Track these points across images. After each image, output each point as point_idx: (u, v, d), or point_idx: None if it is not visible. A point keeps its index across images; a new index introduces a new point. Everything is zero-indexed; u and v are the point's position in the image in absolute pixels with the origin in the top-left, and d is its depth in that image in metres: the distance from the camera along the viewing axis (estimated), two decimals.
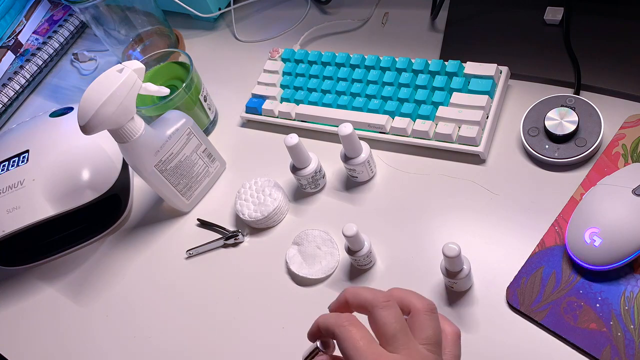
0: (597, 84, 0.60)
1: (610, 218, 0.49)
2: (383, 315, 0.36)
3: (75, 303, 0.66)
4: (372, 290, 0.38)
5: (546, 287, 0.50)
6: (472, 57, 0.64)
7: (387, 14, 0.78)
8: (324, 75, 0.70)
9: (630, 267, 0.49)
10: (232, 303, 0.60)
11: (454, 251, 0.48)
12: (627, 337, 0.46)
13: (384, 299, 0.37)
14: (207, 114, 0.73)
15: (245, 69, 0.80)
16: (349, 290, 0.39)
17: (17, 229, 0.63)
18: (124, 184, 0.69)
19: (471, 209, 0.58)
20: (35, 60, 0.92)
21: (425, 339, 0.36)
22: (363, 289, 0.39)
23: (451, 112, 0.61)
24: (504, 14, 0.69)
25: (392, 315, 0.36)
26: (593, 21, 0.63)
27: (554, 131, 0.57)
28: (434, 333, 0.37)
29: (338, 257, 0.59)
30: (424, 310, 0.38)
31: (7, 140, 0.72)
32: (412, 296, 0.39)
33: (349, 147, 0.59)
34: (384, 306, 0.37)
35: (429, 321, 0.37)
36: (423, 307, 0.38)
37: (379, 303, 0.37)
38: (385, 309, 0.37)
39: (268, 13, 0.86)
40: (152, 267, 0.66)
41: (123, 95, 0.54)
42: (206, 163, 0.67)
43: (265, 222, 0.63)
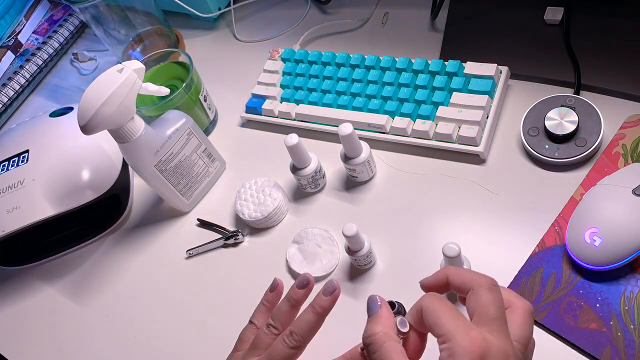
0: (597, 84, 0.60)
1: (610, 218, 0.49)
2: (488, 296, 0.35)
3: (75, 303, 0.66)
4: (475, 272, 0.38)
5: (546, 287, 0.51)
6: (472, 57, 0.64)
7: (387, 14, 0.78)
8: (324, 75, 0.70)
9: (630, 267, 0.49)
10: (232, 303, 0.60)
11: (454, 251, 0.48)
12: (627, 337, 0.46)
13: (491, 282, 0.36)
14: (207, 114, 0.73)
15: (245, 69, 0.80)
16: (451, 269, 0.39)
17: (17, 229, 0.63)
18: (124, 184, 0.69)
19: (471, 209, 0.58)
20: (35, 60, 0.92)
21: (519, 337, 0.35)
22: (466, 270, 0.38)
23: (451, 112, 0.61)
24: (504, 14, 0.69)
25: (498, 299, 0.35)
26: (593, 21, 0.63)
27: (554, 131, 0.57)
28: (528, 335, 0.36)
29: (338, 255, 0.59)
30: (524, 310, 0.37)
31: (7, 140, 0.72)
32: (512, 294, 0.38)
33: (349, 147, 0.59)
34: (490, 287, 0.36)
35: (526, 322, 0.36)
36: (525, 307, 0.37)
37: (486, 283, 0.36)
38: (492, 291, 0.36)
39: (268, 13, 0.86)
40: (152, 267, 0.66)
41: (123, 95, 0.54)
42: (206, 163, 0.67)
43: (265, 222, 0.63)
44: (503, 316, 0.35)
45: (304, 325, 0.43)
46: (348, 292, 0.57)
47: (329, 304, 0.44)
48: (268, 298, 0.49)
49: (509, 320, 0.36)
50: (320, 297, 0.44)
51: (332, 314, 0.56)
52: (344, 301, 0.56)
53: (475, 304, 0.36)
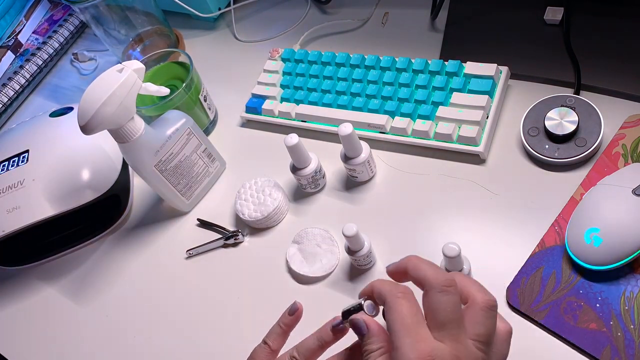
0: (597, 84, 0.60)
1: (610, 218, 0.49)
2: (439, 300, 0.34)
3: (75, 303, 0.66)
4: (434, 268, 0.36)
5: (546, 287, 0.51)
6: (472, 57, 0.64)
7: (387, 14, 0.78)
8: (324, 75, 0.70)
9: (630, 267, 0.49)
10: (232, 303, 0.60)
11: (454, 251, 0.48)
12: (627, 337, 0.46)
13: (445, 282, 0.35)
14: (207, 114, 0.73)
15: (245, 69, 0.80)
16: (412, 260, 0.37)
17: (17, 229, 0.63)
18: (124, 184, 0.69)
19: (471, 209, 0.58)
20: (35, 60, 0.92)
21: (477, 335, 0.34)
22: (426, 263, 0.37)
23: (451, 112, 0.61)
24: (504, 14, 0.69)
25: (450, 303, 0.34)
26: (593, 21, 0.63)
27: (554, 131, 0.57)
28: (487, 331, 0.35)
29: (338, 255, 0.59)
30: (482, 305, 0.35)
31: (7, 140, 0.72)
32: (474, 287, 0.36)
33: (349, 147, 0.59)
34: (442, 290, 0.34)
35: (485, 318, 0.35)
36: (483, 302, 0.35)
37: (438, 285, 0.35)
38: (443, 294, 0.34)
39: (268, 13, 0.86)
40: (152, 267, 0.66)
41: (123, 95, 0.54)
42: (206, 163, 0.67)
43: (265, 222, 0.63)
44: (455, 319, 0.34)
45: None
46: (348, 292, 0.57)
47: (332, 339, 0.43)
48: (285, 321, 0.46)
49: (467, 316, 0.35)
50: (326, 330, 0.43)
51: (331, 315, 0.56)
52: (344, 301, 0.57)
53: (427, 307, 0.35)
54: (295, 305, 0.46)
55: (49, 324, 0.66)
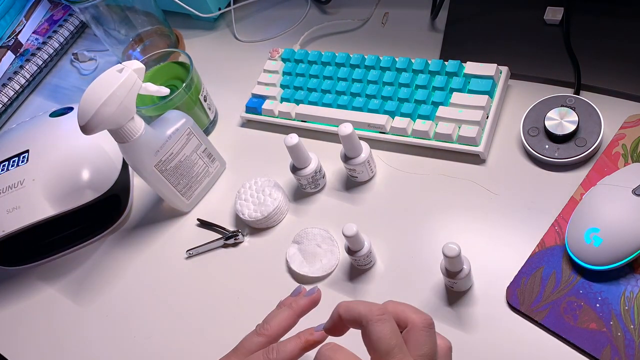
0: (597, 84, 0.60)
1: (610, 218, 0.49)
2: (377, 330, 0.35)
3: (75, 303, 0.66)
4: (366, 303, 0.37)
5: (546, 287, 0.51)
6: (472, 57, 0.64)
7: (387, 14, 0.78)
8: (324, 75, 0.70)
9: (630, 267, 0.49)
10: (232, 303, 0.60)
11: (454, 251, 0.48)
12: (627, 337, 0.46)
13: (379, 312, 0.36)
14: (207, 114, 0.73)
15: (245, 69, 0.80)
16: (342, 306, 0.38)
17: (17, 229, 0.63)
18: (124, 184, 0.69)
19: (471, 209, 0.58)
20: (35, 60, 0.92)
21: (421, 356, 0.35)
22: (356, 303, 0.37)
23: (451, 112, 0.61)
24: (504, 14, 0.69)
25: (387, 330, 0.35)
26: (593, 21, 0.63)
27: (554, 131, 0.57)
28: (431, 350, 0.36)
29: (338, 255, 0.59)
30: (421, 326, 0.36)
31: (7, 140, 0.72)
32: (409, 310, 0.37)
33: (349, 147, 0.59)
34: (378, 319, 0.35)
35: (425, 337, 0.36)
36: (421, 323, 0.36)
37: (373, 317, 0.35)
38: (380, 323, 0.35)
39: (268, 13, 0.86)
40: (152, 267, 0.66)
41: (123, 95, 0.54)
42: (206, 163, 0.67)
43: (265, 222, 0.63)
44: (397, 344, 0.34)
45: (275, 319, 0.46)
46: (348, 292, 0.57)
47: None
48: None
49: (408, 339, 0.36)
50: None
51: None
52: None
53: (367, 341, 0.35)
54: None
55: (49, 324, 0.66)
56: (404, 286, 0.55)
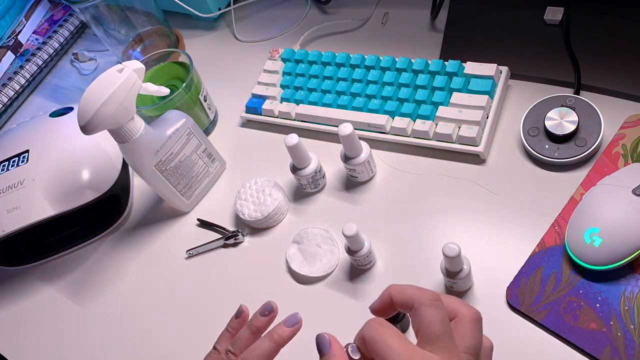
0: (597, 84, 0.60)
1: (610, 218, 0.49)
2: (430, 314, 0.35)
3: (75, 303, 0.66)
4: (418, 287, 0.37)
5: (546, 287, 0.51)
6: (472, 57, 0.64)
7: (387, 14, 0.78)
8: (324, 75, 0.70)
9: (630, 267, 0.49)
10: (232, 303, 0.60)
11: (454, 251, 0.48)
12: (627, 337, 0.46)
13: (433, 297, 0.36)
14: (207, 114, 0.73)
15: (245, 69, 0.80)
16: (394, 287, 0.38)
17: (17, 229, 0.63)
18: (124, 184, 0.69)
19: (471, 209, 0.58)
20: (35, 60, 0.92)
21: (467, 348, 0.35)
22: (408, 286, 0.37)
23: (451, 112, 0.61)
24: (504, 14, 0.69)
25: (439, 315, 0.35)
26: (593, 21, 0.63)
27: (554, 131, 0.57)
28: (477, 344, 0.35)
29: (338, 255, 0.59)
30: (470, 318, 0.36)
31: (7, 140, 0.72)
32: (459, 303, 0.37)
33: (349, 147, 0.59)
34: (431, 304, 0.35)
35: (474, 331, 0.36)
36: (470, 315, 0.36)
37: (427, 301, 0.35)
38: (433, 308, 0.35)
39: (268, 13, 0.86)
40: (152, 267, 0.66)
41: (123, 95, 0.54)
42: (206, 163, 0.67)
43: (265, 222, 0.63)
44: (447, 332, 0.34)
45: (256, 352, 0.42)
46: (348, 292, 0.57)
47: (288, 335, 0.43)
48: (233, 325, 0.48)
49: (456, 330, 0.35)
50: (281, 327, 0.44)
51: (331, 315, 0.56)
52: (344, 301, 0.57)
53: (418, 323, 0.35)
54: (241, 308, 0.48)
55: (49, 324, 0.66)
56: None
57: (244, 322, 0.48)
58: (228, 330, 0.48)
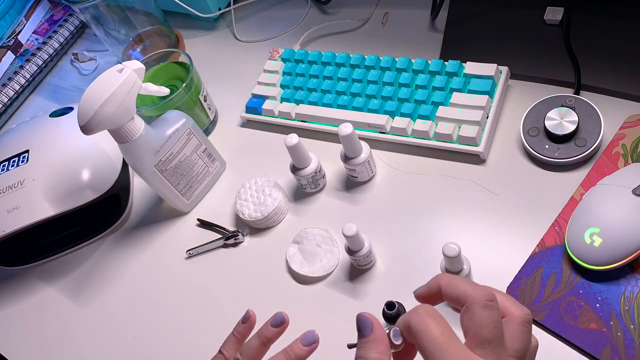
0: (597, 84, 0.60)
1: (610, 218, 0.49)
2: (484, 316, 0.33)
3: (75, 303, 0.66)
4: (472, 282, 0.35)
5: (546, 287, 0.51)
6: (472, 57, 0.64)
7: (387, 14, 0.78)
8: (324, 75, 0.70)
9: (630, 267, 0.49)
10: (232, 303, 0.60)
11: (454, 251, 0.48)
12: (627, 337, 0.46)
13: (487, 297, 0.33)
14: (207, 114, 0.73)
15: (245, 69, 0.80)
16: (445, 278, 0.36)
17: (17, 229, 0.63)
18: (124, 184, 0.69)
19: (471, 209, 0.58)
20: (35, 60, 0.92)
21: (515, 351, 0.33)
22: (460, 279, 0.35)
23: (451, 112, 0.61)
24: (504, 14, 0.69)
25: (493, 318, 0.33)
26: (593, 21, 0.63)
27: (554, 131, 0.57)
28: (525, 347, 0.34)
29: (338, 255, 0.59)
30: (520, 320, 0.34)
31: (7, 140, 0.72)
32: (509, 301, 0.35)
33: (349, 147, 0.59)
34: (485, 305, 0.33)
35: (523, 333, 0.34)
36: (520, 317, 0.34)
37: (481, 300, 0.33)
38: (487, 309, 0.33)
39: (268, 13, 0.86)
40: (152, 267, 0.66)
41: (123, 95, 0.54)
42: (206, 163, 0.67)
43: (265, 222, 0.63)
44: (498, 336, 0.33)
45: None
46: (348, 292, 0.57)
47: (304, 355, 0.42)
48: (239, 329, 0.47)
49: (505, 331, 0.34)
50: (297, 345, 0.42)
51: (331, 315, 0.56)
52: (344, 301, 0.57)
53: (469, 323, 0.33)
54: (248, 313, 0.47)
55: (50, 324, 0.66)
56: (404, 286, 0.55)
57: (250, 328, 0.47)
58: (234, 335, 0.47)
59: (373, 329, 0.35)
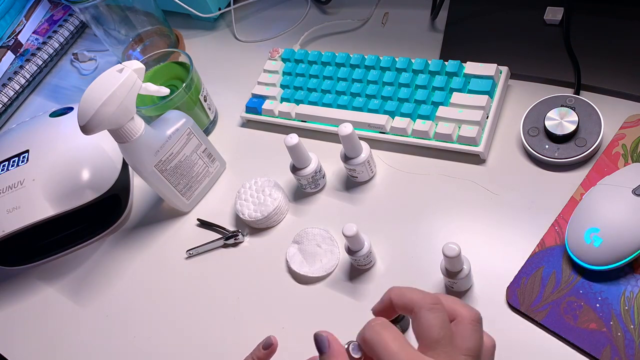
0: (597, 84, 0.61)
1: (610, 218, 0.49)
2: (430, 318, 0.35)
3: (75, 303, 0.66)
4: (419, 290, 0.37)
5: (546, 287, 0.51)
6: (472, 57, 0.64)
7: (387, 14, 0.78)
8: (324, 75, 0.70)
9: (630, 267, 0.49)
10: (232, 303, 0.60)
11: (454, 251, 0.48)
12: (627, 337, 0.46)
13: (432, 301, 0.35)
14: (207, 114, 0.73)
15: (245, 69, 0.80)
16: (394, 290, 0.38)
17: (17, 229, 0.63)
18: (124, 184, 0.69)
19: (471, 209, 0.58)
20: (35, 60, 0.92)
21: (467, 350, 0.35)
22: (409, 290, 0.37)
23: (451, 112, 0.61)
24: (504, 14, 0.69)
25: (439, 319, 0.35)
26: (593, 21, 0.63)
27: (554, 131, 0.57)
28: (477, 345, 0.35)
29: (338, 255, 0.59)
30: (469, 320, 0.36)
31: (7, 140, 0.72)
32: (459, 304, 0.37)
33: (349, 147, 0.59)
34: (431, 308, 0.35)
35: (473, 332, 0.36)
36: (470, 317, 0.36)
37: (427, 304, 0.35)
38: (433, 312, 0.35)
39: (268, 13, 0.86)
40: (152, 267, 0.66)
41: (123, 95, 0.54)
42: (206, 163, 0.67)
43: (265, 222, 0.63)
44: (447, 335, 0.34)
45: None
46: (348, 292, 0.57)
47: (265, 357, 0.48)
48: (259, 355, 0.49)
49: (456, 332, 0.35)
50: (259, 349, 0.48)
51: (331, 315, 0.56)
52: (344, 301, 0.57)
53: (418, 327, 0.35)
54: (270, 340, 0.49)
55: (49, 324, 0.66)
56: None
57: (270, 355, 0.50)
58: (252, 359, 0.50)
59: (330, 345, 0.37)
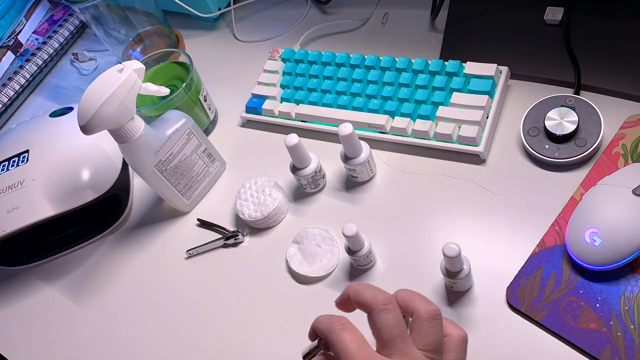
0: (597, 84, 0.61)
1: (610, 218, 0.49)
2: (381, 319, 0.36)
3: (75, 303, 0.66)
4: (373, 290, 0.38)
5: (546, 287, 0.51)
6: (472, 57, 0.64)
7: (387, 14, 0.78)
8: (324, 75, 0.70)
9: (630, 267, 0.49)
10: (232, 303, 0.60)
11: (454, 251, 0.48)
12: (627, 337, 0.46)
13: (384, 302, 0.37)
14: (207, 114, 0.73)
15: (245, 69, 0.80)
16: (352, 287, 0.39)
17: (17, 229, 0.63)
18: (124, 184, 0.69)
19: (471, 209, 0.58)
20: (35, 60, 0.92)
21: (425, 345, 0.36)
22: (365, 288, 0.38)
23: (451, 112, 0.61)
24: (504, 14, 0.69)
25: (390, 320, 0.36)
26: (593, 21, 0.63)
27: (554, 131, 0.57)
28: (435, 340, 0.36)
29: (338, 255, 0.59)
30: (426, 317, 0.37)
31: (7, 140, 0.72)
32: (417, 300, 0.38)
33: (349, 147, 0.59)
34: (381, 310, 0.36)
35: (430, 328, 0.37)
36: (426, 313, 0.37)
37: (378, 306, 0.36)
38: (384, 313, 0.36)
39: (268, 13, 0.86)
40: (152, 267, 0.66)
41: (123, 95, 0.54)
42: (206, 163, 0.67)
43: (265, 222, 0.63)
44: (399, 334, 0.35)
45: None
46: None
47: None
48: None
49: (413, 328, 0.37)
50: None
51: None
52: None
53: (372, 328, 0.36)
54: None
55: (49, 324, 0.66)
56: (404, 286, 0.55)
57: None
58: None
59: None
